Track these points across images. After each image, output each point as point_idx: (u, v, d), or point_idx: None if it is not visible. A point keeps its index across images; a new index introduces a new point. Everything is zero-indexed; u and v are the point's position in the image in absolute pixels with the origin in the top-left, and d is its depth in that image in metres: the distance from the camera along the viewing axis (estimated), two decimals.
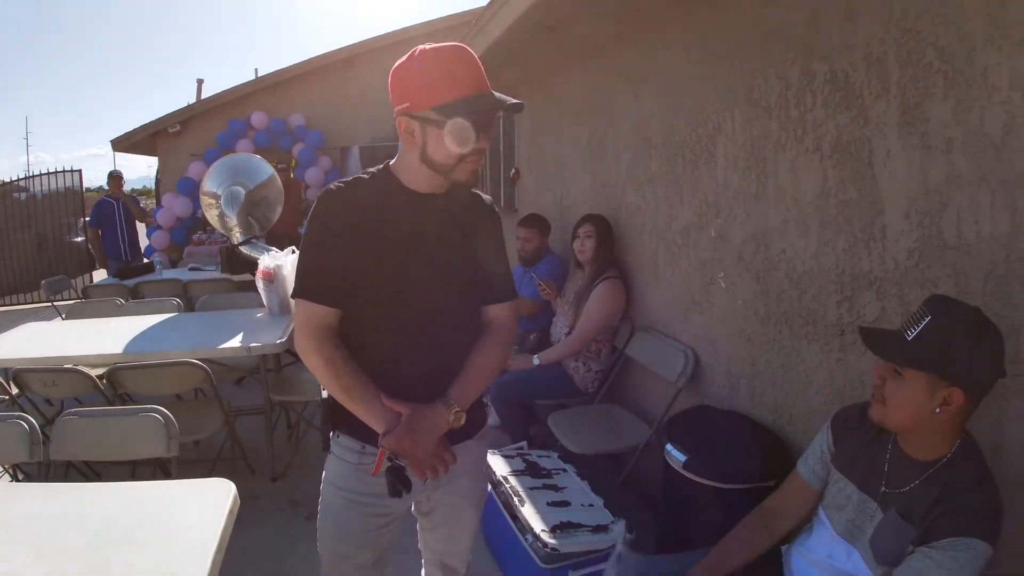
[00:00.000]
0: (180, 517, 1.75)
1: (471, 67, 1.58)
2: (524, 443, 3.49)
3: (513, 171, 6.52)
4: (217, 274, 6.44)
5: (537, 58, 4.96)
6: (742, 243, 2.71)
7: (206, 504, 1.80)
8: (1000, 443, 1.79)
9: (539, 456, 3.25)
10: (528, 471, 3.04)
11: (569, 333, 3.79)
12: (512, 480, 2.94)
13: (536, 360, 3.78)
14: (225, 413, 3.49)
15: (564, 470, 3.10)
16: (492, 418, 4.32)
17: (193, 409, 3.75)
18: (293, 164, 10.44)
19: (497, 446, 3.43)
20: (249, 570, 2.96)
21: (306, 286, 1.66)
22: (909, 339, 1.52)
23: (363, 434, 1.69)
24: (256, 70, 16.42)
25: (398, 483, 1.62)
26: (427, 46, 1.59)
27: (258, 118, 11.22)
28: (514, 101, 1.60)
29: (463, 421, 1.67)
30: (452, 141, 1.58)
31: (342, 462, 1.78)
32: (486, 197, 1.87)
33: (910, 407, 1.55)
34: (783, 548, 1.95)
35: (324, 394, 1.79)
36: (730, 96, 2.79)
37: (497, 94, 1.59)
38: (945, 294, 1.70)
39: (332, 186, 1.69)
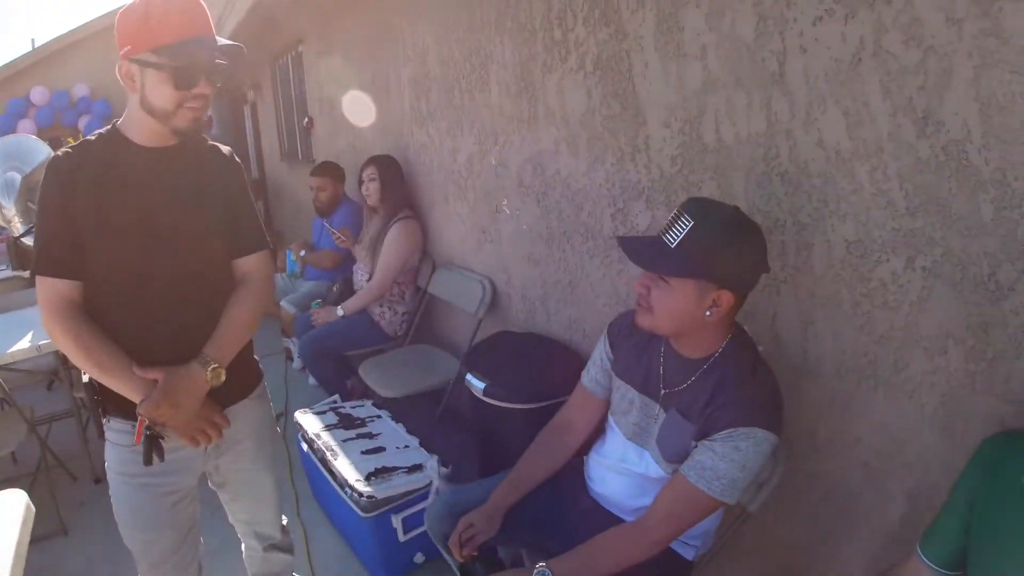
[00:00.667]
0: None
1: (193, 9, 1.50)
2: (336, 396, 3.42)
3: (307, 120, 6.30)
4: (8, 272, 5.79)
5: (318, 4, 4.77)
6: (520, 168, 2.74)
7: None
8: (778, 341, 1.92)
9: (353, 407, 3.19)
10: (341, 423, 2.98)
11: (370, 279, 3.73)
12: (324, 435, 2.87)
13: (340, 311, 3.70)
14: (28, 421, 3.16)
15: (379, 416, 3.07)
16: (311, 379, 4.23)
17: None
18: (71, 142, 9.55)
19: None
20: None
21: (42, 261, 1.54)
22: (672, 246, 1.51)
23: (133, 414, 1.57)
24: (33, 40, 14.73)
25: (152, 450, 1.54)
26: None
27: (38, 94, 10.12)
28: (231, 43, 1.55)
29: (222, 378, 1.61)
30: (169, 84, 1.50)
31: (118, 447, 1.69)
32: (224, 148, 1.79)
33: (679, 313, 1.57)
34: (584, 458, 2.01)
35: (85, 378, 1.67)
36: (499, 23, 2.78)
37: (220, 39, 1.53)
38: (700, 196, 1.74)
39: (59, 152, 1.56)
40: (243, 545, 2.12)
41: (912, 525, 1.72)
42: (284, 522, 2.15)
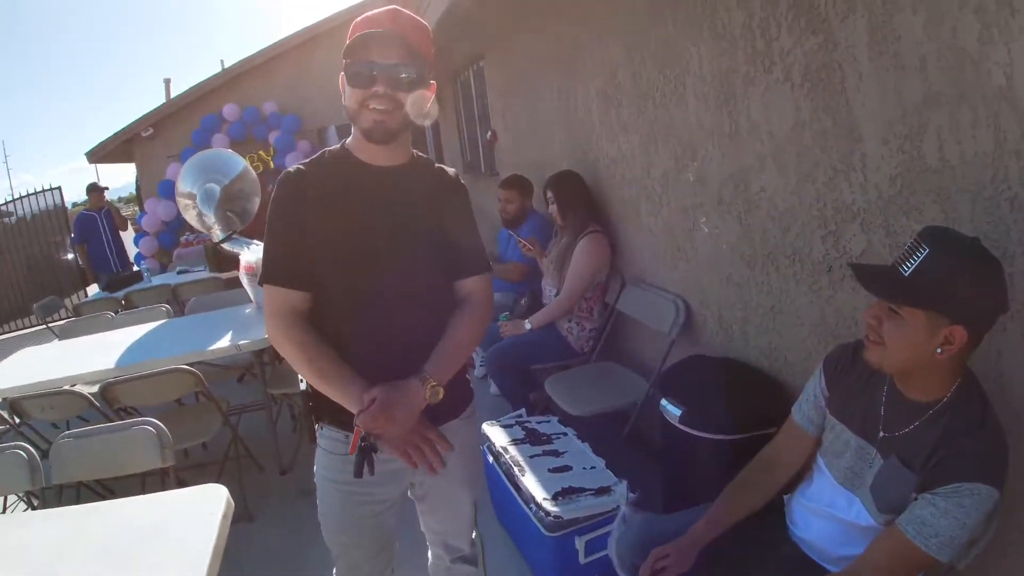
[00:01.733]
0: (175, 529, 1.73)
1: (384, 12, 1.54)
2: (523, 410, 3.45)
3: (490, 133, 6.44)
4: (205, 274, 6.38)
5: (501, 17, 4.85)
6: (721, 185, 2.63)
7: (201, 512, 1.77)
8: (1002, 380, 1.73)
9: (538, 423, 3.20)
10: (527, 439, 3.00)
11: (558, 294, 3.74)
12: (512, 450, 2.90)
13: (528, 324, 3.73)
14: (223, 413, 3.44)
15: (564, 434, 3.06)
16: (492, 387, 4.31)
17: (194, 414, 3.70)
18: (272, 153, 10.30)
19: (498, 416, 3.40)
20: (270, 569, 2.95)
21: (272, 271, 1.63)
22: (906, 275, 1.41)
23: (347, 423, 1.63)
24: (222, 62, 16.14)
25: (364, 463, 1.56)
26: None
27: (230, 110, 11.01)
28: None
29: (440, 396, 1.61)
30: (347, 82, 1.56)
31: (329, 454, 1.76)
32: (450, 170, 1.81)
33: (910, 348, 1.45)
34: (785, 498, 1.90)
35: (303, 385, 1.76)
36: (694, 31, 2.69)
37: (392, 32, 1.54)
38: (937, 224, 1.60)
39: (291, 168, 1.65)
40: (429, 553, 2.14)
41: None
42: (474, 536, 2.14)
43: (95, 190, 8.42)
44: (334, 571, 1.93)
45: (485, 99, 6.49)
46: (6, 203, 11.17)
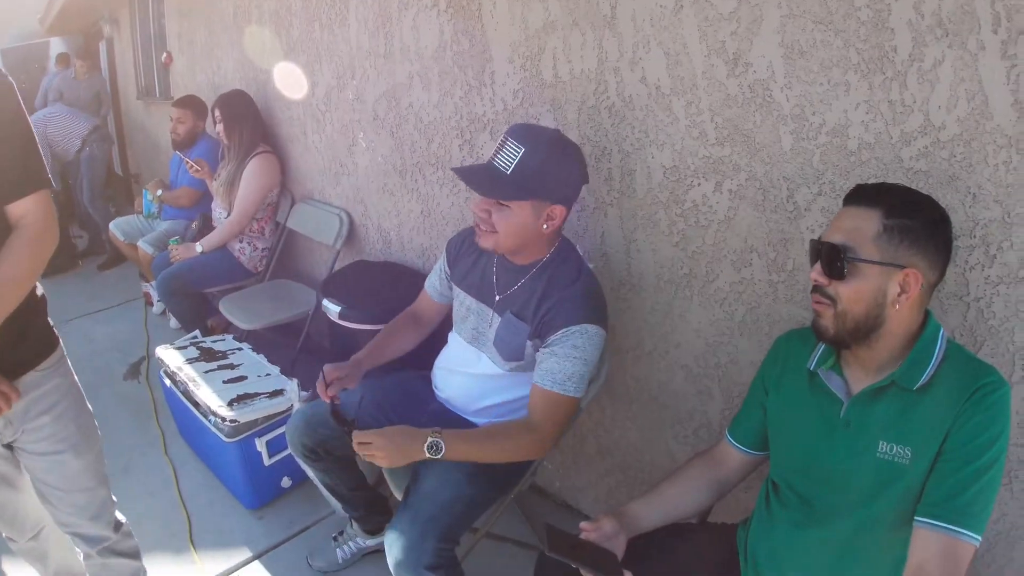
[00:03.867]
0: None
1: None
2: (197, 332, 3.37)
3: (165, 55, 5.94)
4: None
5: None
6: (376, 102, 2.75)
7: None
8: (607, 252, 2.07)
9: (214, 341, 3.12)
10: (203, 356, 2.92)
11: (229, 216, 3.66)
12: (187, 368, 2.80)
13: (199, 248, 3.60)
14: None
15: (240, 349, 3.02)
16: (173, 322, 4.13)
17: None
18: None
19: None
20: None
21: None
22: (509, 173, 1.61)
23: None
24: None
25: None
26: None
27: None
28: None
29: None
30: None
31: None
32: None
33: (520, 230, 1.68)
34: (431, 373, 2.12)
35: None
36: None
37: None
38: (523, 123, 1.77)
39: None
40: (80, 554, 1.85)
41: (729, 418, 1.84)
42: (122, 520, 1.85)
43: None
44: None
45: (163, 20, 5.98)
46: None
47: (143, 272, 4.37)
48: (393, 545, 1.67)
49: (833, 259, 1.25)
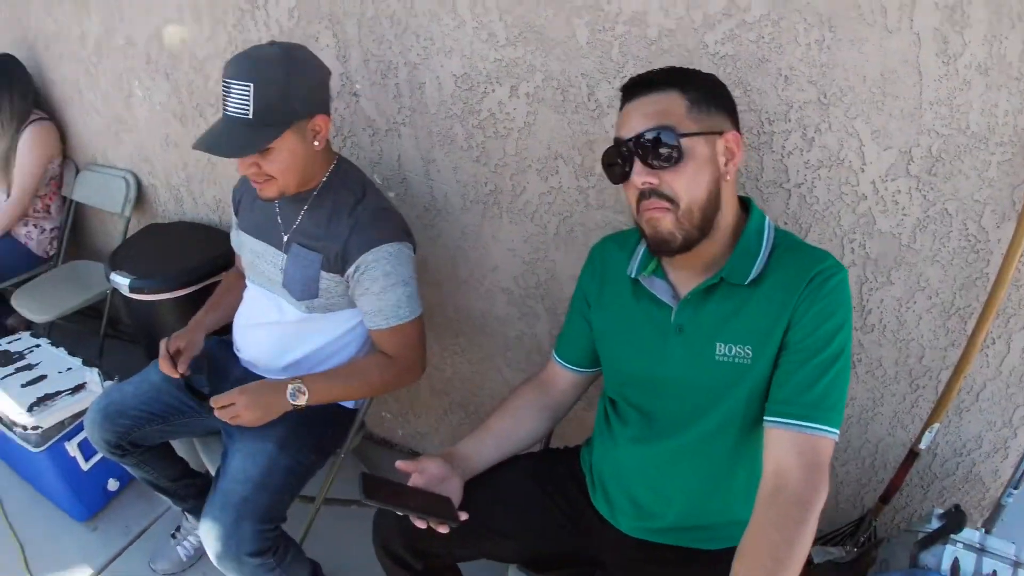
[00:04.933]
0: None
1: None
2: None
3: None
4: None
5: None
6: (147, 43, 2.44)
7: None
8: (406, 177, 1.91)
9: (8, 342, 2.75)
10: None
11: (8, 198, 3.23)
12: None
13: None
14: None
15: (37, 346, 2.67)
16: None
17: None
18: None
19: None
20: None
21: None
22: (251, 117, 1.38)
23: None
24: None
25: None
26: None
27: None
28: None
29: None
30: None
31: None
32: None
33: (296, 163, 1.48)
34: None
35: None
36: None
37: None
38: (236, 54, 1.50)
39: None
40: None
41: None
42: None
43: None
44: None
45: None
46: None
47: None
48: (208, 535, 1.50)
49: (657, 147, 1.12)
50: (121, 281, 2.27)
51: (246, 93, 1.37)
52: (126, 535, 2.33)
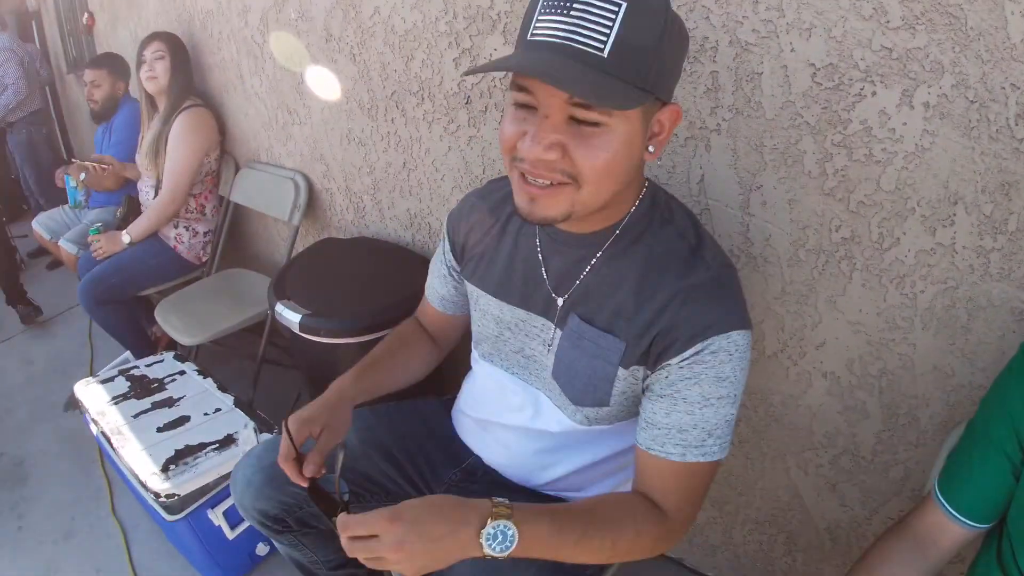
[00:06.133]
0: None
1: None
2: (127, 354, 2.63)
3: (86, 17, 5.14)
4: None
5: None
6: (327, 15, 1.95)
7: None
8: (709, 206, 1.33)
9: (148, 365, 2.36)
10: (134, 391, 2.17)
11: (157, 194, 2.87)
12: (111, 411, 2.07)
13: (126, 237, 2.81)
14: None
15: (182, 372, 2.27)
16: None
17: None
18: None
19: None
20: None
21: None
22: (606, 53, 0.79)
23: None
24: None
25: None
26: None
27: None
28: None
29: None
30: None
31: None
32: None
33: (622, 165, 0.88)
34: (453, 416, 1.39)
35: None
36: None
37: None
38: None
39: None
40: None
41: (890, 448, 1.36)
42: None
43: None
44: None
45: None
46: None
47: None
48: None
49: None
50: (291, 317, 1.84)
51: (609, 15, 0.79)
52: None
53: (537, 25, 0.82)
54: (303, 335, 1.81)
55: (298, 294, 1.90)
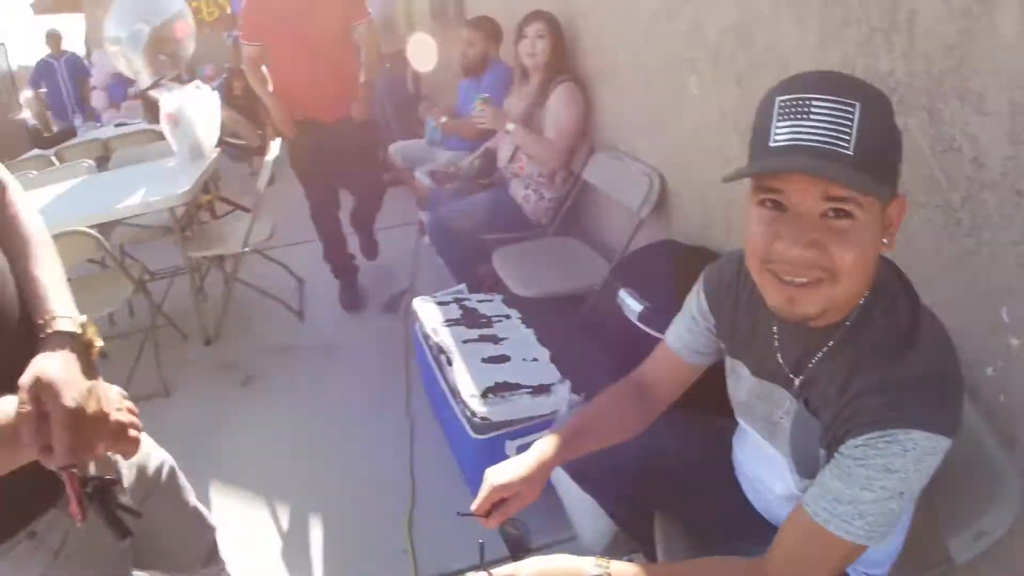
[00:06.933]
0: None
1: None
2: (463, 286, 2.95)
3: None
4: (142, 126, 5.68)
5: None
6: (720, 35, 2.04)
7: None
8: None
9: (480, 301, 2.69)
10: (464, 320, 2.51)
11: (512, 159, 3.18)
12: (443, 332, 2.41)
13: (511, 126, 3.09)
14: (135, 280, 2.93)
15: (508, 316, 2.55)
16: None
17: (102, 281, 3.21)
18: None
19: (441, 288, 2.92)
20: (183, 446, 2.57)
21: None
22: (851, 151, 0.84)
23: None
24: None
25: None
26: None
27: None
28: None
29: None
30: None
31: None
32: None
33: (867, 258, 0.91)
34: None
35: None
36: None
37: None
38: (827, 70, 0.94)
39: None
40: None
41: None
42: None
43: (53, 36, 8.37)
44: None
45: None
46: None
47: (419, 201, 4.12)
48: None
49: None
50: (633, 306, 2.02)
51: (847, 114, 0.85)
52: None
53: (778, 130, 0.88)
54: (640, 325, 1.96)
55: (640, 285, 2.05)
